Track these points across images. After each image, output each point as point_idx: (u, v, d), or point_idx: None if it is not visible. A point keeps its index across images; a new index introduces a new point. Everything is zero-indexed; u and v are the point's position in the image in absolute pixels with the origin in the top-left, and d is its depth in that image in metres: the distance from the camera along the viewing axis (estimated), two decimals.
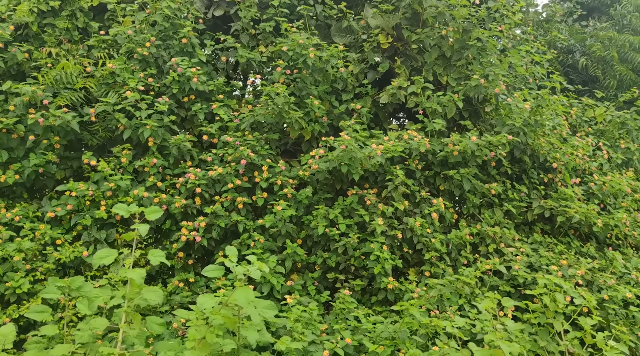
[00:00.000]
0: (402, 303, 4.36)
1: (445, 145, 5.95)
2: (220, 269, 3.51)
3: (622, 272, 6.27)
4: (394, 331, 3.95)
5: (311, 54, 5.90)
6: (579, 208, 6.23)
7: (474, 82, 6.06)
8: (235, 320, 3.21)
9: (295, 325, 4.07)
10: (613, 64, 8.58)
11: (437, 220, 6.05)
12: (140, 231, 3.15)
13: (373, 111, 6.92)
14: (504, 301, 4.22)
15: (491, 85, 6.15)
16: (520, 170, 6.71)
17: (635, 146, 7.65)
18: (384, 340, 3.92)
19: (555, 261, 5.95)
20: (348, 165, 5.36)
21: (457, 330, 3.70)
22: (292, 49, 6.02)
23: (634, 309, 5.49)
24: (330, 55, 6.15)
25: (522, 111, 5.93)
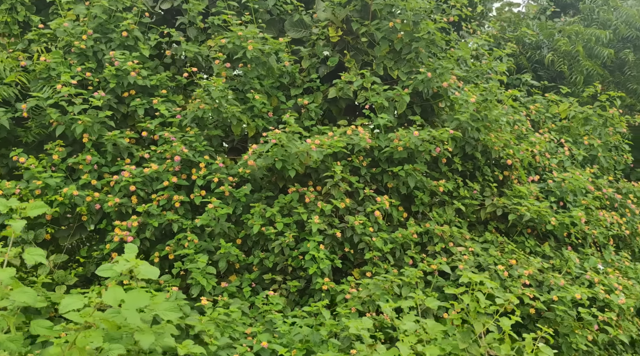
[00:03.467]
0: (315, 303, 4.16)
1: (391, 141, 5.75)
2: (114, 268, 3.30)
3: (579, 272, 6.07)
4: (307, 334, 3.74)
5: (250, 46, 5.68)
6: (531, 205, 6.03)
7: (421, 75, 5.86)
8: (114, 323, 3.00)
9: (208, 327, 3.86)
10: (579, 58, 8.38)
11: (383, 218, 5.85)
12: (15, 228, 2.94)
13: (326, 107, 6.72)
14: (428, 302, 4.02)
15: (440, 79, 5.95)
16: (474, 167, 6.51)
17: (598, 142, 7.45)
18: (297, 343, 3.72)
19: (505, 261, 5.75)
20: (282, 161, 5.15)
21: (365, 332, 3.49)
22: (232, 41, 5.81)
23: (583, 310, 5.29)
24: (273, 48, 5.94)
25: (468, 105, 5.73)
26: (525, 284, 5.55)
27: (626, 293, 6.23)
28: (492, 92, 5.70)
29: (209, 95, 5.45)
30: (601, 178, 7.52)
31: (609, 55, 8.33)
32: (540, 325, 5.62)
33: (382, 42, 6.29)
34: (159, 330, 3.54)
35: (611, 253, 6.73)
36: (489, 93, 5.71)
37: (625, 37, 9.26)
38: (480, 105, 5.83)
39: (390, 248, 5.51)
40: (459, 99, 5.82)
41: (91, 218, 5.68)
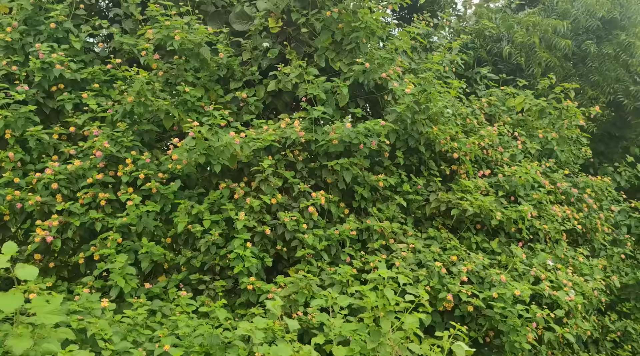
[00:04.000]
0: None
1: (328, 135, 5.54)
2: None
3: (525, 269, 5.88)
4: (206, 337, 3.53)
5: (177, 36, 5.45)
6: (474, 200, 5.84)
7: (358, 66, 5.65)
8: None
9: (105, 331, 3.63)
10: (535, 50, 8.19)
11: (322, 215, 5.65)
12: None
13: (270, 101, 6.50)
14: (340, 300, 3.81)
15: (380, 70, 5.74)
16: (420, 162, 6.31)
17: (553, 135, 7.27)
18: (197, 347, 3.50)
19: (447, 257, 5.56)
20: (206, 155, 4.93)
21: (260, 333, 3.27)
22: (160, 32, 5.58)
23: (520, 307, 5.10)
24: (203, 39, 5.70)
25: (404, 96, 5.52)
26: (464, 281, 5.35)
27: (577, 290, 6.06)
28: (430, 83, 5.49)
29: (132, 88, 5.21)
30: (557, 172, 7.34)
31: (567, 46, 8.15)
32: (481, 322, 5.48)
33: (322, 32, 6.08)
34: (46, 334, 3.32)
35: (564, 249, 6.55)
36: (427, 83, 5.49)
37: (587, 29, 9.09)
38: (420, 96, 5.62)
39: (325, 246, 5.30)
40: (397, 90, 5.61)
41: (15, 218, 5.44)
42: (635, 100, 9.11)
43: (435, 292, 5.22)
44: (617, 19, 8.99)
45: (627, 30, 8.90)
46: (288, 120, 5.59)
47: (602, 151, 10.51)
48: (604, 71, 8.82)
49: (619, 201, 8.03)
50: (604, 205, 7.86)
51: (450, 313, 5.46)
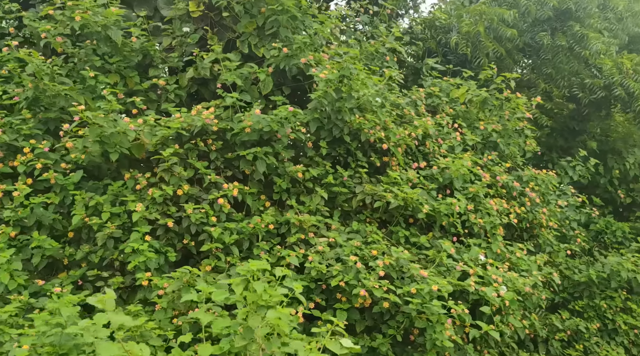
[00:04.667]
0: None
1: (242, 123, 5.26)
2: None
3: (452, 264, 5.63)
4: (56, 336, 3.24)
5: (77, 16, 5.14)
6: (400, 192, 5.58)
7: (274, 51, 5.38)
8: None
9: None
10: (480, 39, 7.95)
11: (236, 207, 5.38)
12: None
13: (195, 89, 6.23)
14: (215, 295, 3.53)
15: (300, 55, 5.47)
16: (347, 153, 6.04)
17: (493, 127, 7.02)
18: (47, 347, 3.22)
19: (368, 251, 5.29)
20: (101, 143, 4.64)
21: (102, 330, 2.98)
22: (63, 13, 5.28)
23: (437, 303, 4.84)
24: (110, 21, 5.39)
25: (320, 82, 5.25)
26: (382, 276, 5.09)
27: (510, 286, 5.81)
28: (346, 68, 5.22)
29: (24, 72, 4.92)
30: (499, 165, 7.10)
31: (513, 35, 7.89)
32: (399, 319, 5.22)
33: (243, 17, 5.81)
34: None
35: (499, 244, 6.31)
36: (344, 69, 5.22)
37: (542, 20, 8.86)
38: (339, 82, 5.34)
39: (235, 240, 5.03)
40: (315, 76, 5.34)
41: None
42: (591, 93, 8.89)
43: (350, 288, 4.96)
44: (572, 10, 8.76)
45: (582, 21, 8.68)
46: (199, 108, 5.31)
47: (562, 145, 10.30)
48: (557, 63, 8.59)
49: (567, 195, 7.80)
50: (552, 199, 7.63)
51: (370, 310, 5.21)
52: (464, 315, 4.93)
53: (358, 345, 5.16)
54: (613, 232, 9.45)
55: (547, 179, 7.26)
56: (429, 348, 5.14)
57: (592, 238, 9.68)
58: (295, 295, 3.41)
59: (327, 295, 5.24)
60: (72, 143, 4.79)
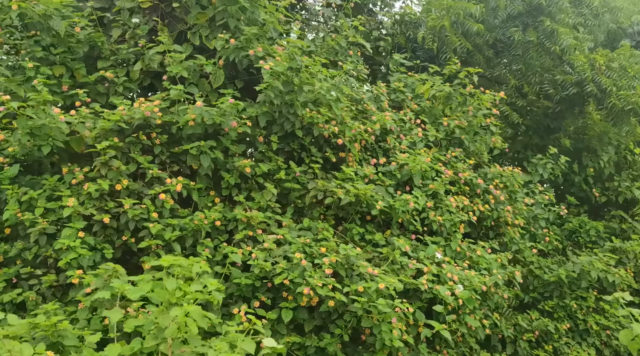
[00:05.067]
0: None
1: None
2: None
3: (405, 262, 5.48)
4: None
5: (14, 5, 4.97)
6: (352, 188, 5.42)
7: (220, 42, 5.22)
8: None
9: None
10: (447, 34, 7.80)
11: (183, 203, 5.22)
12: None
13: (149, 83, 6.06)
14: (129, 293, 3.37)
15: (248, 47, 5.31)
16: (301, 148, 5.89)
17: (456, 122, 6.88)
18: None
19: (317, 249, 5.14)
20: (31, 135, 4.47)
21: None
22: (2, 3, 5.11)
23: (382, 302, 4.68)
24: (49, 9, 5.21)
25: (265, 75, 5.09)
26: (329, 274, 4.93)
27: (466, 284, 5.67)
28: (293, 60, 5.06)
29: None
30: (463, 162, 6.96)
31: (479, 30, 7.75)
32: (347, 318, 5.07)
33: (194, 8, 5.65)
34: None
35: (458, 242, 6.16)
36: (290, 61, 5.06)
37: (514, 15, 8.73)
38: (288, 75, 5.18)
39: (177, 236, 4.87)
40: (262, 69, 5.18)
41: None
42: (563, 90, 8.76)
43: (294, 286, 4.80)
44: (544, 5, 8.63)
45: (553, 16, 8.55)
46: (142, 100, 5.14)
47: (538, 143, 10.16)
48: (528, 59, 8.46)
49: (535, 193, 7.67)
50: (519, 197, 7.50)
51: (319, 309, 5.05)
52: (409, 314, 4.77)
53: (306, 344, 5.05)
54: (587, 231, 9.32)
55: (512, 176, 7.12)
56: (379, 348, 4.99)
57: (566, 237, 9.56)
58: (209, 292, 3.24)
59: (275, 294, 5.09)
60: (3, 136, 4.62)
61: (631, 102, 8.27)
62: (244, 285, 4.87)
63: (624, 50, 8.92)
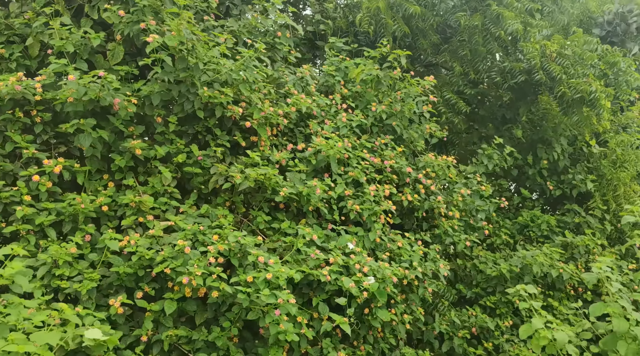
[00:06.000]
0: None
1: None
2: None
3: (308, 252, 5.15)
4: None
5: None
6: (253, 173, 5.09)
7: (114, 16, 4.88)
8: None
9: None
10: (381, 16, 7.44)
11: (67, 187, 4.89)
12: None
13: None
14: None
15: (141, 21, 4.97)
16: (207, 130, 5.55)
17: (383, 108, 6.54)
18: None
19: (209, 237, 4.81)
20: None
21: None
22: None
23: (265, 293, 4.35)
24: None
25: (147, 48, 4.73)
26: (213, 263, 4.60)
27: (378, 276, 5.34)
28: (180, 35, 4.70)
29: None
30: (393, 150, 6.62)
31: (415, 12, 7.38)
32: (235, 311, 4.74)
33: None
34: None
35: (377, 232, 5.83)
36: (179, 36, 4.71)
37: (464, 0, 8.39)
38: (177, 51, 4.84)
39: (52, 221, 4.54)
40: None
41: None
42: (512, 78, 8.42)
43: (176, 275, 4.47)
44: None
45: (501, 0, 8.20)
46: (20, 75, 4.80)
47: (493, 134, 9.82)
48: (474, 45, 8.12)
49: (474, 184, 7.32)
50: (457, 188, 7.17)
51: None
52: (290, 306, 4.42)
53: (193, 338, 4.71)
54: (538, 226, 9.00)
55: (446, 166, 6.79)
56: (271, 342, 4.67)
57: (518, 231, 9.24)
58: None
59: (162, 284, 4.76)
60: None
61: (580, 90, 7.94)
62: (125, 274, 4.54)
63: (577, 37, 8.58)
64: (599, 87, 7.96)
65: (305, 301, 5.21)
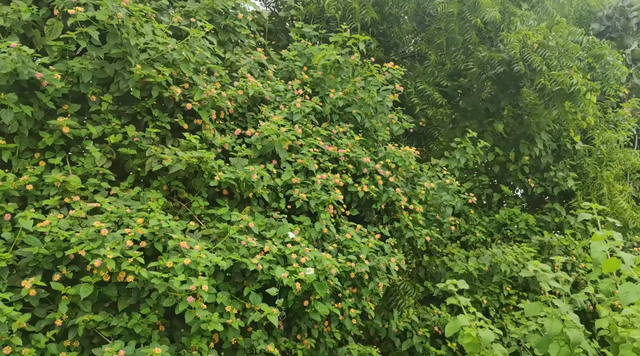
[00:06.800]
0: None
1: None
2: None
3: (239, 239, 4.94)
4: None
5: None
6: (185, 156, 4.89)
7: None
8: None
9: None
10: (349, 0, 7.18)
11: None
12: None
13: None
14: None
15: None
16: (147, 111, 5.37)
17: (340, 94, 6.29)
18: None
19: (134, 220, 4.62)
20: None
21: None
22: None
23: (178, 279, 4.16)
24: None
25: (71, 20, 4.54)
26: (138, 247, 4.43)
27: (318, 268, 5.11)
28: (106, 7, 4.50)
29: None
30: (352, 138, 6.38)
31: None
32: (154, 297, 4.56)
33: None
34: None
35: (323, 223, 5.60)
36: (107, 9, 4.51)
37: None
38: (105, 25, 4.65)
39: None
40: None
41: None
42: (491, 68, 8.09)
43: (92, 257, 4.30)
44: None
45: None
46: None
47: (475, 129, 9.49)
48: (450, 33, 7.80)
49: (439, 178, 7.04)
50: (422, 181, 6.89)
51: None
52: (203, 292, 4.21)
53: (112, 324, 4.55)
54: (516, 224, 8.67)
55: (406, 157, 6.52)
56: (193, 331, 4.49)
57: (496, 230, 8.92)
58: None
59: (83, 267, 4.60)
60: None
61: (560, 82, 7.59)
62: (42, 255, 4.39)
63: (561, 27, 8.21)
64: (580, 79, 7.60)
65: (240, 291, 5.02)
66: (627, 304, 3.35)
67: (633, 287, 3.32)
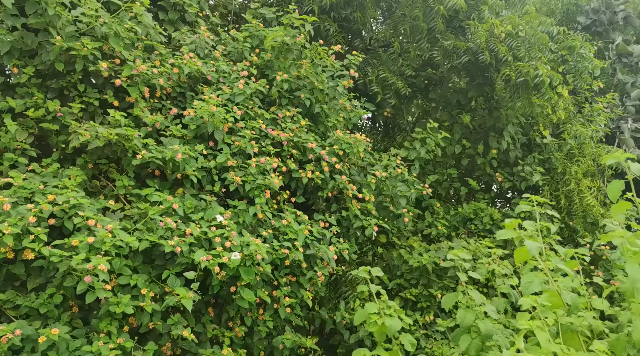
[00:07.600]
0: None
1: None
2: None
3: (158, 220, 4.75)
4: None
5: None
6: (105, 133, 4.70)
7: None
8: None
9: None
10: None
11: None
12: None
13: None
14: None
15: None
16: (74, 86, 5.18)
17: (285, 76, 6.08)
18: None
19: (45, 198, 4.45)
20: None
21: None
22: None
23: (77, 258, 3.98)
24: None
25: None
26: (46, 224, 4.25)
27: (245, 253, 4.91)
28: None
29: None
30: (296, 123, 6.17)
31: None
32: (58, 276, 4.38)
33: None
34: None
35: (257, 207, 5.39)
36: None
37: None
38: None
39: None
40: None
41: None
42: (457, 58, 7.85)
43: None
44: None
45: None
46: None
47: (446, 120, 9.25)
48: (414, 20, 7.57)
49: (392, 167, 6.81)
50: (374, 170, 6.68)
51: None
52: (100, 271, 4.02)
53: (17, 303, 4.38)
54: (481, 219, 8.44)
55: (356, 145, 6.30)
56: (102, 313, 4.32)
57: (461, 224, 8.69)
58: None
59: None
60: None
61: (524, 73, 7.34)
62: None
63: (531, 17, 7.95)
64: (546, 71, 7.35)
65: (161, 273, 4.83)
66: (530, 294, 3.13)
67: (536, 276, 3.11)
